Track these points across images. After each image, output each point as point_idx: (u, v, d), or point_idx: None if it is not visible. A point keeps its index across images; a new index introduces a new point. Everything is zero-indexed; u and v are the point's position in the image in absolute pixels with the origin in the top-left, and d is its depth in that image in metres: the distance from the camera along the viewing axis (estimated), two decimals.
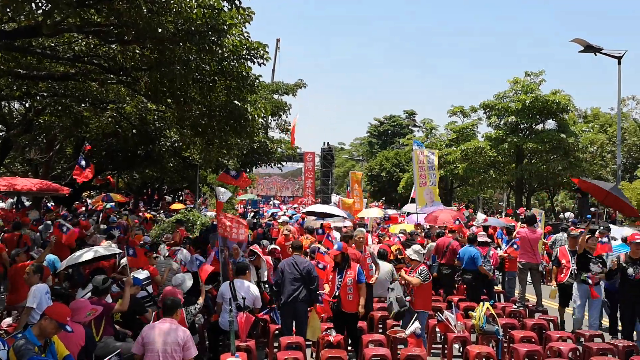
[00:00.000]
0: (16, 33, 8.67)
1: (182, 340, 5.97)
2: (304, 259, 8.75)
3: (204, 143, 13.27)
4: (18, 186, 17.00)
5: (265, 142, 26.15)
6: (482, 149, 31.64)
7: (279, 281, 8.48)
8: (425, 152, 17.29)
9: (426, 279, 8.44)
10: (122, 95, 13.49)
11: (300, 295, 8.21)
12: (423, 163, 16.59)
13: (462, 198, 43.69)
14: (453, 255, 11.66)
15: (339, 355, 7.10)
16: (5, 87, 12.46)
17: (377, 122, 72.05)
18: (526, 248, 10.93)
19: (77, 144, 20.35)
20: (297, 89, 31.18)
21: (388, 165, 48.51)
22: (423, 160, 16.59)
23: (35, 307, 7.14)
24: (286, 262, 8.57)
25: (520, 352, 7.31)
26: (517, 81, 32.08)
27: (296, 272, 8.32)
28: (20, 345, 4.89)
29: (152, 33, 8.27)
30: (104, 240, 12.70)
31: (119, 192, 34.23)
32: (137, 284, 8.16)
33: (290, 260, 8.55)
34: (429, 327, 8.83)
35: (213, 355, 8.21)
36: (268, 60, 10.75)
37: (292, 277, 8.29)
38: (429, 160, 16.63)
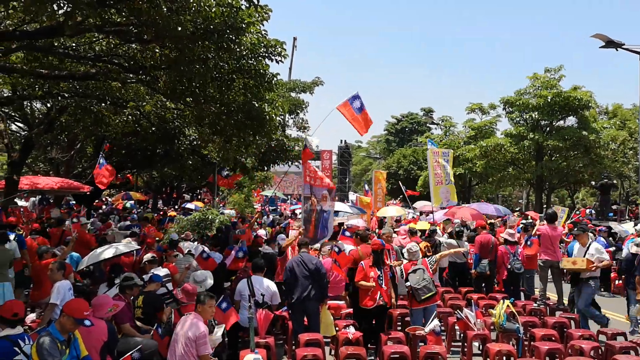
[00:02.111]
0: (38, 33, 8.78)
1: (194, 336, 6.08)
2: (312, 255, 8.75)
3: (222, 141, 13.32)
4: (40, 185, 17.30)
5: (282, 140, 26.14)
6: (501, 146, 31.36)
7: (289, 280, 8.46)
8: (441, 152, 17.20)
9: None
10: (141, 94, 13.57)
11: (311, 293, 8.21)
12: (438, 162, 16.49)
13: (480, 196, 43.38)
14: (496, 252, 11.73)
15: (357, 352, 7.11)
16: (27, 87, 12.62)
17: (395, 120, 71.72)
18: (547, 245, 10.82)
19: (97, 143, 20.55)
20: (314, 86, 31.12)
21: (406, 163, 48.33)
22: (438, 160, 16.49)
23: (58, 303, 7.25)
24: (294, 261, 8.56)
25: (542, 350, 7.25)
26: (536, 77, 31.73)
27: (305, 269, 8.31)
28: (43, 343, 4.95)
29: (171, 32, 8.31)
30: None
31: (138, 191, 34.63)
32: (157, 281, 8.25)
33: (297, 258, 8.55)
34: (449, 324, 8.79)
35: (232, 352, 8.27)
36: (286, 57, 10.76)
37: (302, 275, 8.29)
38: (444, 159, 16.53)
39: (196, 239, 13.62)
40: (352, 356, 7.09)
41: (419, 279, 8.27)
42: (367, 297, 8.32)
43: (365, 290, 8.34)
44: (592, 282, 9.61)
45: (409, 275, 8.36)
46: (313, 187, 10.45)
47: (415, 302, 8.33)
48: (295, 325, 8.34)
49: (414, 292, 8.25)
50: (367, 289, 8.32)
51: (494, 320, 8.10)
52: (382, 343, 7.65)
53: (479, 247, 11.91)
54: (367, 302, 8.32)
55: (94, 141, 21.52)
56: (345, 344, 7.59)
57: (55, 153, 21.71)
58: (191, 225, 16.08)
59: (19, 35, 8.82)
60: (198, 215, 16.92)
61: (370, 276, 8.37)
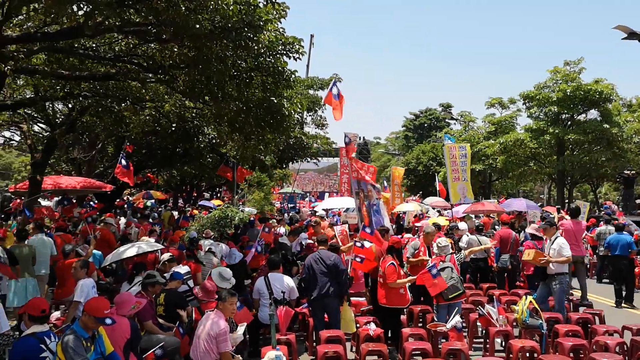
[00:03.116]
0: (59, 35, 8.90)
1: (215, 333, 6.16)
2: (330, 253, 8.76)
3: (241, 139, 13.38)
4: (63, 184, 17.56)
5: (301, 137, 26.21)
6: (521, 141, 31.01)
7: (307, 277, 8.48)
8: (458, 146, 17.05)
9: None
10: (160, 93, 13.69)
11: (330, 290, 8.21)
12: (455, 157, 16.35)
13: (501, 191, 42.96)
14: (517, 247, 11.62)
15: (379, 349, 7.09)
16: (49, 88, 12.80)
17: (413, 116, 71.37)
18: (571, 240, 10.67)
19: (118, 143, 20.76)
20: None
21: (425, 158, 47.99)
22: (455, 155, 16.35)
23: (82, 300, 7.34)
24: (312, 258, 8.56)
25: (565, 346, 7.16)
26: (556, 70, 31.31)
27: (323, 266, 8.31)
28: (68, 341, 5.01)
29: (189, 31, 8.36)
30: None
31: (158, 190, 34.91)
32: (178, 279, 8.31)
33: (315, 256, 8.54)
34: (471, 321, 8.73)
35: (253, 349, 8.31)
36: (303, 54, 10.77)
37: (320, 272, 8.29)
38: (461, 154, 16.39)
39: (216, 236, 13.70)
40: (374, 353, 7.08)
41: (447, 277, 8.20)
42: (400, 295, 8.30)
43: (397, 288, 8.29)
44: (559, 278, 9.34)
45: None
46: (361, 182, 10.41)
47: (441, 298, 8.26)
48: (315, 322, 8.35)
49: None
50: (398, 288, 8.28)
51: (516, 317, 8.02)
52: (403, 339, 7.62)
53: (500, 241, 11.82)
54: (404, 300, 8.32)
55: (114, 141, 21.75)
56: (367, 340, 7.57)
57: (77, 153, 21.99)
58: (211, 223, 16.17)
59: (41, 37, 8.94)
60: (218, 213, 17.02)
61: (402, 274, 8.35)
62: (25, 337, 5.16)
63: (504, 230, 12.07)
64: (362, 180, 10.38)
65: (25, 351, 5.03)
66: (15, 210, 20.62)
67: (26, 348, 5.05)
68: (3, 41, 8.42)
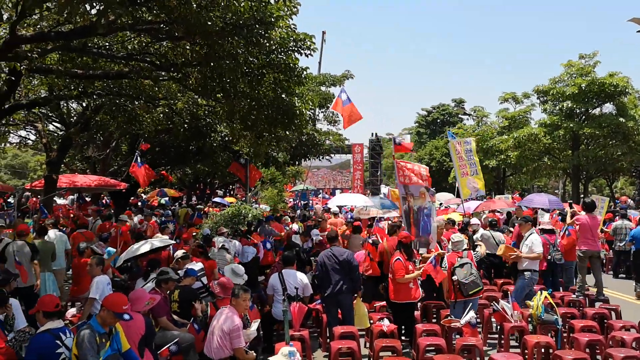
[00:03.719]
0: (72, 34, 8.96)
1: (228, 329, 6.19)
2: (342, 249, 8.72)
3: (254, 137, 13.42)
4: (78, 183, 17.75)
5: (313, 134, 26.20)
6: (535, 136, 30.70)
7: (320, 274, 8.49)
8: (462, 141, 16.92)
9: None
10: (173, 91, 13.77)
11: (343, 286, 8.21)
12: (461, 153, 16.22)
13: (515, 187, 42.63)
14: None
15: (392, 345, 7.07)
16: (63, 87, 12.92)
17: (425, 112, 71.06)
18: (586, 235, 10.56)
19: (132, 141, 20.94)
20: (344, 80, 31.05)
21: (438, 154, 47.86)
22: (460, 150, 16.22)
23: (97, 297, 7.41)
24: (325, 255, 8.56)
25: (581, 341, 7.09)
26: (571, 64, 30.94)
27: (335, 263, 8.31)
28: (84, 337, 5.05)
29: (201, 28, 8.39)
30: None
31: (172, 187, 35.13)
32: (192, 275, 8.35)
33: (328, 252, 8.54)
34: (485, 316, 8.68)
35: (267, 345, 8.33)
36: (315, 51, 10.76)
37: (333, 269, 8.29)
38: (466, 149, 16.25)
39: (230, 233, 13.75)
40: (387, 348, 7.07)
41: (466, 273, 8.16)
42: (410, 289, 8.28)
43: (406, 284, 8.27)
44: (528, 273, 9.23)
45: (455, 269, 8.23)
46: (409, 185, 10.18)
47: (459, 294, 8.21)
48: (329, 318, 8.35)
49: (460, 286, 8.12)
50: (407, 283, 8.26)
51: (531, 312, 7.96)
52: (417, 335, 7.59)
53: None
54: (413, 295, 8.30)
55: (128, 139, 21.91)
56: (380, 336, 7.56)
57: (92, 151, 22.19)
58: (224, 220, 16.24)
59: (54, 36, 9.01)
60: (231, 211, 17.09)
61: (410, 269, 8.33)
62: (41, 333, 5.22)
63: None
64: (410, 185, 10.14)
65: (41, 347, 5.08)
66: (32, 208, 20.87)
67: (42, 344, 5.10)
68: (17, 41, 8.51)
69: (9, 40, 8.33)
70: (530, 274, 9.26)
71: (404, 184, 10.16)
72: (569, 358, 6.39)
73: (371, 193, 41.73)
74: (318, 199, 40.16)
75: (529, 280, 9.28)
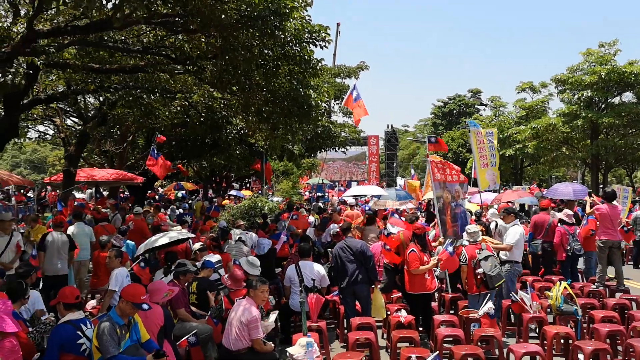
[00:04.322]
0: (89, 28, 9.02)
1: (246, 320, 6.23)
2: (356, 240, 8.71)
3: (269, 129, 13.42)
4: (96, 176, 17.95)
5: (328, 126, 26.12)
6: (554, 126, 30.35)
7: (336, 266, 8.51)
8: (485, 132, 16.74)
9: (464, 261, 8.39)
10: (189, 84, 13.80)
11: (359, 277, 8.22)
12: (483, 143, 16.04)
13: (533, 177, 42.25)
14: (554, 232, 11.39)
15: (410, 336, 7.06)
16: (80, 82, 13.03)
17: (441, 103, 70.60)
18: (607, 225, 10.44)
19: (148, 135, 21.08)
20: (359, 71, 30.88)
21: (454, 145, 47.59)
22: (482, 141, 16.05)
23: (117, 289, 7.49)
24: (339, 246, 8.58)
25: (602, 332, 7.01)
26: (590, 53, 30.47)
27: (350, 254, 8.31)
28: (104, 329, 5.11)
29: (216, 20, 8.39)
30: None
31: (189, 181, 35.35)
32: (209, 267, 8.41)
33: (342, 244, 8.56)
34: (503, 307, 8.62)
35: (285, 336, 8.37)
36: (330, 42, 10.71)
37: (348, 260, 8.30)
38: (489, 140, 16.09)
39: (246, 225, 13.83)
40: (405, 339, 7.05)
41: (492, 265, 8.11)
42: (425, 280, 8.25)
43: (421, 275, 8.25)
44: (507, 266, 9.14)
45: (480, 262, 8.16)
46: (446, 183, 10.13)
47: (483, 287, 8.16)
48: (346, 309, 8.37)
49: (487, 278, 8.07)
50: (422, 274, 8.24)
51: (550, 303, 7.89)
52: (435, 326, 7.57)
53: (533, 226, 11.64)
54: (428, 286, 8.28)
55: (145, 133, 22.06)
56: (398, 327, 7.55)
57: (109, 145, 22.39)
58: (241, 213, 16.33)
59: (71, 30, 9.07)
60: (247, 203, 17.18)
61: (425, 260, 8.30)
62: (62, 324, 5.29)
63: (539, 216, 11.88)
64: (446, 182, 10.07)
65: (62, 338, 5.15)
66: (51, 202, 21.15)
67: (63, 335, 5.17)
68: (35, 36, 8.58)
69: (27, 36, 8.40)
70: (510, 266, 9.20)
71: (440, 181, 10.08)
72: (589, 348, 6.33)
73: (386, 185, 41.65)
74: (334, 191, 40.16)
75: (511, 272, 9.19)
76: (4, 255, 9.20)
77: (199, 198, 30.40)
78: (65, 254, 9.97)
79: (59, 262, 9.85)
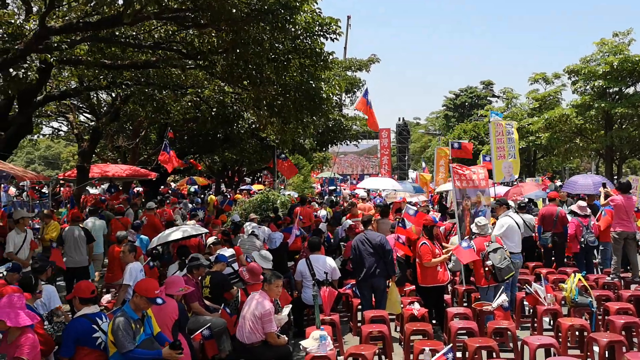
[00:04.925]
0: (100, 24, 9.06)
1: (260, 314, 6.26)
2: (376, 233, 8.69)
3: (280, 123, 13.43)
4: (110, 172, 18.09)
5: (340, 119, 26.07)
6: (567, 117, 30.04)
7: (354, 258, 8.51)
8: (505, 123, 16.61)
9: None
10: (200, 79, 13.84)
11: (377, 270, 8.21)
12: (502, 135, 15.93)
13: (546, 169, 41.92)
14: (562, 224, 11.29)
15: (423, 329, 7.05)
16: (93, 78, 13.11)
17: (453, 95, 70.22)
18: (622, 216, 10.32)
19: (161, 130, 21.17)
20: (370, 64, 30.80)
21: (466, 137, 47.13)
22: (502, 132, 15.93)
23: (131, 284, 7.55)
24: (358, 239, 8.57)
25: (617, 324, 6.95)
26: (604, 42, 30.08)
27: (369, 247, 8.30)
28: (119, 324, 5.15)
29: (226, 15, 8.40)
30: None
31: (201, 175, 35.49)
32: (222, 261, 8.44)
33: (362, 237, 8.55)
34: (517, 300, 8.58)
35: (298, 329, 8.40)
36: (340, 35, 10.68)
37: (367, 253, 8.29)
38: (508, 131, 15.96)
39: (259, 219, 13.86)
40: (418, 332, 7.05)
41: (501, 258, 8.07)
42: (437, 273, 8.24)
43: (433, 267, 8.23)
44: None
45: (489, 254, 8.13)
46: (467, 189, 10.11)
47: (492, 280, 8.13)
48: (362, 302, 8.38)
49: (496, 271, 8.04)
50: (434, 267, 8.22)
51: (565, 295, 7.83)
52: (448, 319, 7.56)
53: (541, 219, 11.57)
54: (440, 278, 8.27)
55: (157, 128, 22.17)
56: (411, 320, 7.54)
57: (122, 141, 22.53)
58: (253, 207, 16.38)
59: (83, 26, 9.11)
60: (260, 197, 17.22)
61: (437, 253, 8.28)
62: (78, 318, 5.34)
63: (547, 208, 11.81)
64: (467, 188, 10.07)
65: (77, 332, 5.20)
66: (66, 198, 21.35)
67: (79, 329, 5.22)
68: (47, 32, 8.63)
69: (39, 32, 8.45)
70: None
71: (460, 187, 10.06)
72: (605, 340, 6.28)
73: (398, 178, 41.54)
74: (346, 185, 40.14)
75: None
76: (21, 252, 9.37)
77: (211, 192, 30.54)
78: (83, 247, 10.39)
79: (78, 254, 10.30)
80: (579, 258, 11.14)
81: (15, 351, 4.67)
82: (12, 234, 9.57)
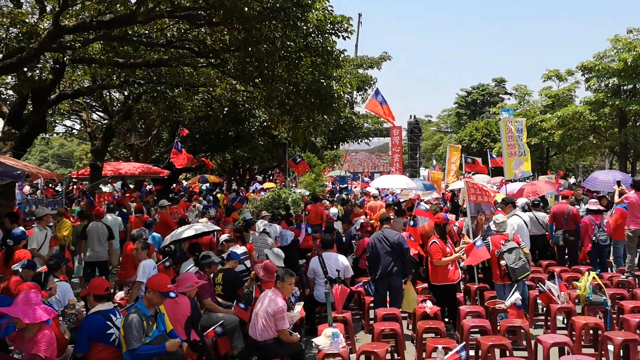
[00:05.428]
0: (113, 22, 9.12)
1: (273, 311, 6.27)
2: (393, 231, 8.69)
3: (292, 121, 13.45)
4: (122, 170, 18.22)
5: (351, 117, 26.08)
6: (580, 114, 29.78)
7: (371, 256, 8.49)
8: (514, 120, 16.52)
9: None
10: (212, 78, 13.89)
11: (394, 269, 8.20)
12: (512, 132, 15.86)
13: (559, 166, 41.60)
14: (574, 222, 11.21)
15: (436, 327, 7.03)
16: (106, 76, 13.20)
17: (465, 93, 69.83)
18: (636, 214, 10.22)
19: (172, 129, 21.29)
20: (381, 62, 30.72)
21: (478, 135, 46.95)
22: (512, 129, 15.85)
23: (144, 281, 7.59)
24: (376, 237, 8.55)
25: (632, 323, 6.89)
26: (618, 39, 29.77)
27: (387, 245, 8.28)
28: (132, 321, 5.20)
29: (238, 13, 8.42)
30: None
31: (212, 173, 35.61)
32: (235, 259, 8.47)
33: (379, 235, 8.52)
34: (530, 298, 8.53)
35: (310, 327, 8.41)
36: (352, 33, 10.67)
37: (384, 251, 8.28)
38: (517, 129, 15.87)
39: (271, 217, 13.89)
40: (431, 330, 7.03)
41: (515, 258, 8.00)
42: (448, 271, 8.21)
43: (444, 266, 8.21)
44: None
45: (504, 254, 8.08)
46: (481, 204, 10.08)
47: (507, 279, 8.08)
48: (377, 298, 8.36)
49: (509, 271, 7.99)
50: (445, 265, 8.19)
51: (579, 293, 7.77)
52: (461, 317, 7.53)
53: (552, 217, 11.49)
54: (451, 277, 8.24)
55: (169, 127, 22.29)
56: (423, 318, 7.52)
57: (134, 139, 22.66)
58: (264, 205, 16.42)
59: (96, 25, 9.18)
60: (271, 195, 17.26)
61: (447, 252, 8.25)
62: (92, 314, 5.39)
63: (558, 206, 11.73)
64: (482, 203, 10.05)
65: (92, 328, 5.25)
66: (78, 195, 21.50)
67: (93, 325, 5.28)
68: (61, 31, 8.70)
69: (53, 32, 8.52)
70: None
71: (475, 202, 10.02)
72: (619, 339, 6.23)
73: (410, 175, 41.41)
74: (357, 183, 40.07)
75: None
76: (42, 249, 9.51)
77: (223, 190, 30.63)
78: (104, 242, 10.98)
79: (99, 249, 10.90)
80: (591, 256, 11.06)
81: (32, 347, 4.72)
82: (35, 230, 9.71)
